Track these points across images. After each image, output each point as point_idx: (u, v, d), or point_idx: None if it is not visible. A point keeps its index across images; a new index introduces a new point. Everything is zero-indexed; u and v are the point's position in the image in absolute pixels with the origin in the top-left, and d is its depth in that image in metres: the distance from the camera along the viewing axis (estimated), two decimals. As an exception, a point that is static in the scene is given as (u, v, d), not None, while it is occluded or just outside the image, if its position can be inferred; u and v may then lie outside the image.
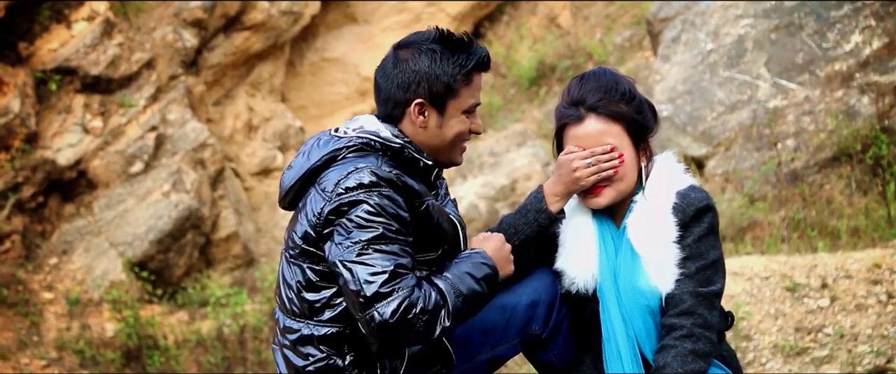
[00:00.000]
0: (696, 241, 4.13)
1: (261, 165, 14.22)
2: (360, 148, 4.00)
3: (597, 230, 4.29)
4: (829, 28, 10.57)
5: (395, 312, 3.74)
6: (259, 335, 11.57)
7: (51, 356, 11.07)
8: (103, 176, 12.40)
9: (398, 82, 4.03)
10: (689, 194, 4.18)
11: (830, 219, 9.35)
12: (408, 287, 3.77)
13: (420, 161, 4.05)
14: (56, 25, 12.58)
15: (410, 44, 4.06)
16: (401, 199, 3.89)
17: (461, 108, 4.07)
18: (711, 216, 4.16)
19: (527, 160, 13.29)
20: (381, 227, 3.82)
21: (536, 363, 4.43)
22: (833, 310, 7.65)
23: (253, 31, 14.14)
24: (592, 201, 4.25)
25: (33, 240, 11.97)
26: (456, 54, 4.03)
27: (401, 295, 3.75)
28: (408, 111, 4.04)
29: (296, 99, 15.49)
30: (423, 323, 3.79)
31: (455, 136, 4.10)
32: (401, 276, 3.78)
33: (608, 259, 4.24)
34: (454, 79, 4.02)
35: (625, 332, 4.18)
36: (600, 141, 4.19)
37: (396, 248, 3.83)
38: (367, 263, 3.79)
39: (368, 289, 3.76)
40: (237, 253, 12.97)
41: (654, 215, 4.17)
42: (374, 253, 3.80)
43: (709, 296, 4.12)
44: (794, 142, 10.13)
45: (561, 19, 15.64)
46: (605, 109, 4.19)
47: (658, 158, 4.32)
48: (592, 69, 4.33)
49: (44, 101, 12.31)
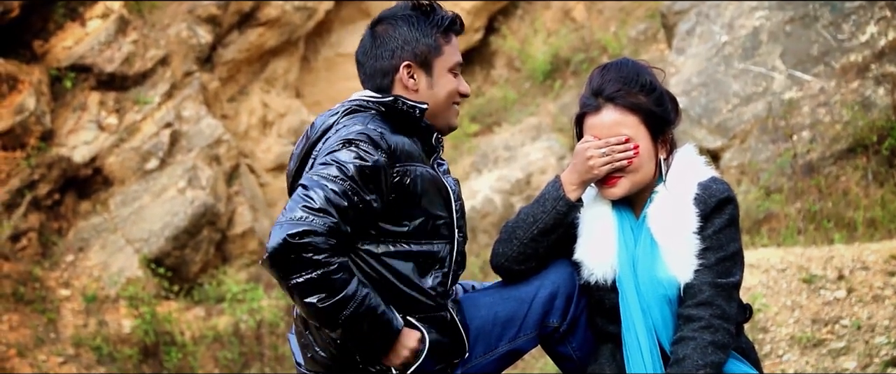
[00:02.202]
0: (717, 232, 4.12)
1: (276, 161, 14.23)
2: (352, 111, 4.09)
3: (616, 221, 4.28)
4: (844, 19, 10.54)
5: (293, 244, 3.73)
6: (275, 330, 11.59)
7: (68, 353, 11.10)
8: (119, 173, 12.43)
9: (381, 53, 4.14)
10: (711, 185, 4.17)
11: (847, 210, 9.33)
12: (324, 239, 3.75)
13: (415, 109, 4.08)
14: (70, 23, 12.61)
15: (384, 18, 4.19)
16: (377, 155, 3.91)
17: (447, 65, 4.17)
18: (732, 208, 4.16)
19: (541, 154, 13.28)
20: (339, 179, 3.83)
21: (555, 356, 4.43)
22: (850, 302, 7.63)
23: (267, 27, 14.15)
24: (608, 191, 4.24)
25: (50, 237, 12.00)
26: (429, 17, 4.15)
27: (312, 240, 3.74)
28: (397, 78, 4.13)
29: (310, 94, 15.50)
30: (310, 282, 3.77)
31: (447, 94, 4.18)
32: (326, 225, 3.77)
33: (627, 250, 4.23)
34: (435, 38, 4.13)
35: (644, 322, 4.17)
36: (616, 131, 4.18)
37: (344, 199, 3.82)
38: (307, 197, 3.80)
39: (289, 213, 3.79)
40: (253, 249, 12.99)
41: (676, 205, 4.17)
42: (318, 191, 3.81)
43: (728, 287, 4.11)
44: (809, 133, 10.11)
45: (575, 13, 15.63)
46: (623, 100, 4.19)
47: (679, 150, 4.31)
48: (616, 60, 4.34)
49: (59, 98, 12.35)
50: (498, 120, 14.65)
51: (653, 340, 4.17)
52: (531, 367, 9.08)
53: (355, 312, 3.83)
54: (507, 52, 15.72)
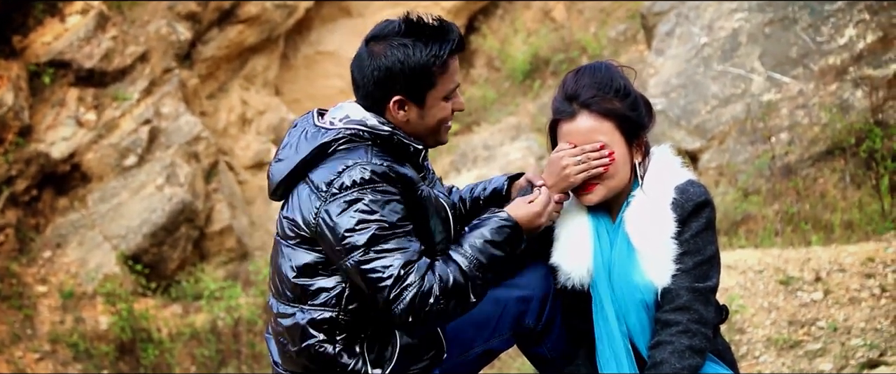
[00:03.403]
0: (694, 236, 4.12)
1: (255, 159, 14.20)
2: (349, 140, 3.98)
3: (592, 226, 4.27)
4: (823, 22, 10.58)
5: (408, 311, 3.77)
6: (253, 328, 11.57)
7: (44, 349, 11.06)
8: (97, 169, 12.39)
9: (374, 79, 3.98)
10: (688, 188, 4.16)
11: (824, 213, 9.36)
12: (417, 281, 3.78)
13: (410, 146, 4.04)
14: (50, 19, 12.56)
15: (382, 38, 4.00)
16: (395, 190, 3.89)
17: (440, 96, 4.04)
18: (709, 211, 4.15)
19: (521, 154, 13.28)
20: (374, 226, 3.82)
21: (530, 357, 4.43)
22: (826, 303, 7.66)
23: (247, 24, 14.13)
24: (585, 197, 4.22)
25: (27, 233, 11.96)
26: (429, 45, 3.97)
27: (411, 292, 3.77)
28: (387, 106, 4.01)
29: (290, 92, 15.48)
30: (445, 305, 3.82)
31: (437, 122, 4.09)
32: (406, 275, 3.79)
33: (603, 255, 4.23)
34: (430, 71, 3.98)
35: (618, 328, 4.17)
36: (591, 138, 4.16)
37: (394, 244, 3.83)
38: (372, 270, 3.80)
39: (380, 297, 3.80)
40: (231, 246, 12.96)
41: (653, 210, 4.16)
42: (375, 257, 3.81)
43: (705, 291, 4.11)
44: (787, 135, 10.14)
45: (555, 13, 15.64)
46: (598, 107, 4.16)
47: (655, 152, 4.30)
48: (590, 63, 4.31)
49: (37, 94, 12.30)
50: (477, 119, 14.65)
51: (627, 345, 4.17)
52: (508, 367, 9.08)
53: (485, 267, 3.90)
54: (487, 52, 15.72)
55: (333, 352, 4.01)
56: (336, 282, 3.95)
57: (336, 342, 4.01)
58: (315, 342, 4.01)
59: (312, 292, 4.01)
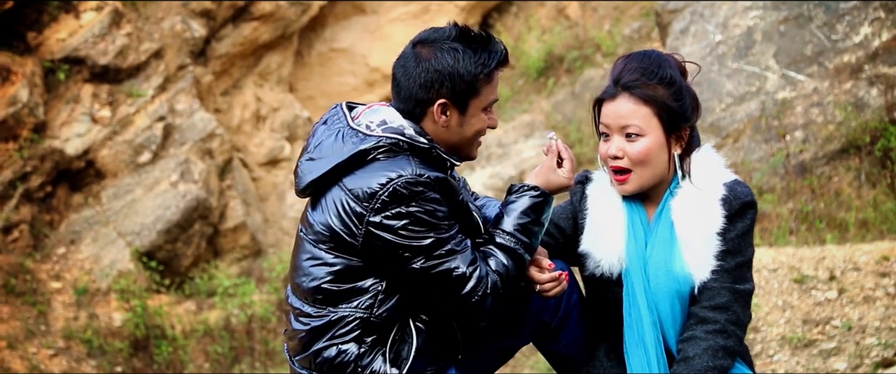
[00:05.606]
0: (738, 236, 4.11)
1: (269, 156, 14.22)
2: (389, 149, 3.97)
3: (626, 213, 4.26)
4: (838, 20, 10.55)
5: (481, 304, 3.97)
6: (266, 325, 11.59)
7: (58, 346, 11.08)
8: (111, 166, 12.42)
9: (421, 82, 3.99)
10: (736, 187, 4.15)
11: (839, 211, 9.34)
12: (483, 276, 3.95)
13: (448, 161, 4.05)
14: (64, 15, 12.59)
15: (431, 42, 4.03)
16: (440, 196, 3.93)
17: (482, 105, 4.07)
18: (753, 213, 4.15)
19: (534, 151, 13.28)
20: (432, 232, 3.90)
21: (546, 353, 4.44)
22: (841, 302, 7.64)
23: (261, 21, 14.14)
24: (619, 187, 4.23)
25: (41, 230, 11.98)
26: (478, 53, 4.01)
27: (482, 288, 3.95)
28: (430, 110, 4.02)
29: (304, 89, 15.50)
30: (505, 292, 4.01)
31: (475, 133, 4.11)
32: (473, 272, 3.94)
33: (636, 243, 4.22)
34: (477, 78, 4.00)
35: (650, 318, 4.16)
36: (625, 121, 4.16)
37: (453, 245, 3.94)
38: (442, 273, 3.93)
39: (454, 296, 3.95)
40: (245, 243, 12.98)
41: (701, 202, 4.15)
42: (441, 261, 3.91)
43: (745, 294, 4.11)
44: (802, 134, 10.12)
45: (569, 11, 15.63)
46: (640, 91, 4.15)
47: (699, 150, 4.27)
48: (644, 50, 4.31)
49: (52, 90, 12.33)
50: (493, 117, 14.63)
51: (657, 335, 4.17)
52: (522, 365, 9.09)
53: (527, 245, 4.08)
54: (500, 49, 15.69)
55: (357, 352, 4.01)
56: (371, 284, 3.98)
57: (363, 342, 4.01)
58: (338, 342, 4.01)
59: (343, 295, 4.01)
